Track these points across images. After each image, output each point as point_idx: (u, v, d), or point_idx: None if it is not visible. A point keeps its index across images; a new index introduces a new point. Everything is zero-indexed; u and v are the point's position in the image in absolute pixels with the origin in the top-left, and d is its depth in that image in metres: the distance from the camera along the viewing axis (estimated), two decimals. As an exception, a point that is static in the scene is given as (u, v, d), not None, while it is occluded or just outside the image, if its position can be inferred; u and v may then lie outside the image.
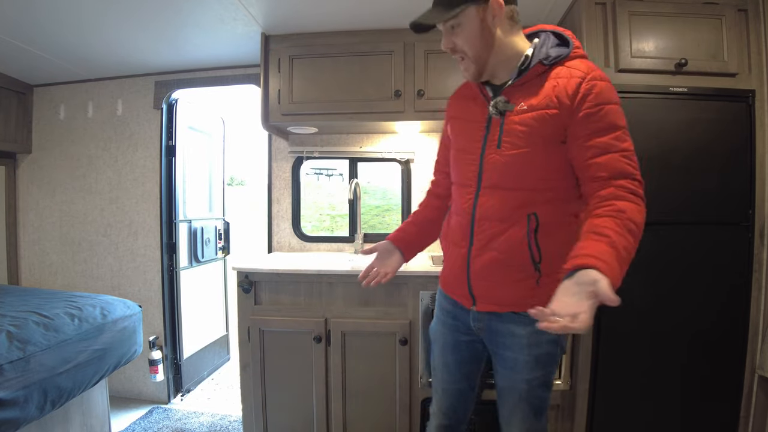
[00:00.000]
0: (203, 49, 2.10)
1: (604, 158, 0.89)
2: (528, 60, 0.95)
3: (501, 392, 1.10)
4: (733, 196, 1.54)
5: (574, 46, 0.96)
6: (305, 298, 1.68)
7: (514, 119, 0.94)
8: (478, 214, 1.00)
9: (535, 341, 1.00)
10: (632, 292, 1.55)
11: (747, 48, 1.55)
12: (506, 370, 1.05)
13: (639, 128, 1.53)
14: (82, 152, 2.50)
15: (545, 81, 0.94)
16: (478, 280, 1.03)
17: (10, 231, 2.54)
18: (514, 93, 0.96)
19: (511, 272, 0.99)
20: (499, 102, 0.96)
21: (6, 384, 1.23)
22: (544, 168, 0.95)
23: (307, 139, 2.28)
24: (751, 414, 1.58)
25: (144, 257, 2.45)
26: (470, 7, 0.92)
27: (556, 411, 1.63)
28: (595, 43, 1.56)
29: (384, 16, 1.78)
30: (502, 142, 0.96)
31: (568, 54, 0.94)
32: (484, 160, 0.99)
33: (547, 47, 0.96)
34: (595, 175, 0.90)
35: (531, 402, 1.04)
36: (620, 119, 0.91)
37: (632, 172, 0.89)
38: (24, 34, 1.87)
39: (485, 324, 1.06)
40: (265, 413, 1.72)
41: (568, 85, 0.91)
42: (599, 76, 0.91)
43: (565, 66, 0.94)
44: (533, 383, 1.02)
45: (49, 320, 1.48)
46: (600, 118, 0.89)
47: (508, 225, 0.97)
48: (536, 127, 0.92)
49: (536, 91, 0.94)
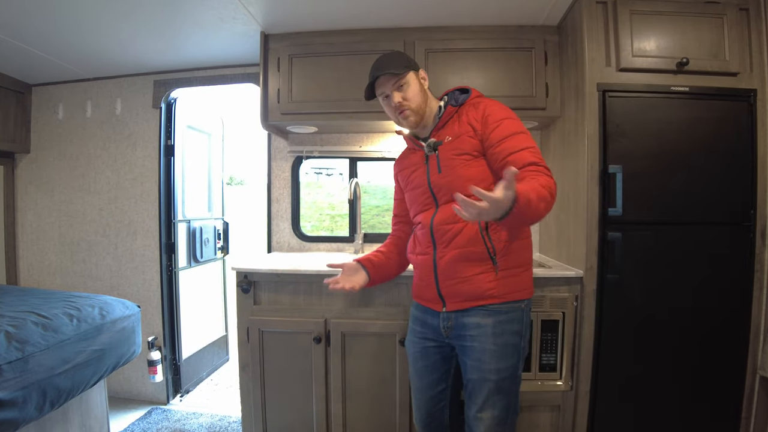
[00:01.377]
0: (202, 48, 2.09)
1: (514, 156, 1.11)
2: (442, 108, 1.27)
3: (472, 387, 1.20)
4: (734, 196, 1.54)
5: (473, 91, 1.28)
6: (305, 298, 1.67)
7: (445, 149, 1.22)
8: (437, 222, 1.21)
9: (499, 331, 1.17)
10: (633, 292, 1.55)
11: (748, 47, 1.55)
12: (475, 362, 1.17)
13: (640, 127, 1.53)
14: (80, 152, 2.49)
15: (459, 117, 1.23)
16: (445, 280, 1.20)
17: (9, 231, 2.53)
18: (438, 133, 1.25)
19: (472, 266, 1.17)
20: (431, 142, 1.25)
21: (5, 384, 1.22)
22: (476, 177, 1.16)
23: (307, 139, 2.27)
24: (752, 415, 1.57)
25: (143, 257, 2.44)
26: (411, 72, 1.24)
27: (557, 411, 1.63)
28: (596, 42, 1.55)
29: (384, 15, 1.77)
30: (442, 168, 1.22)
31: (469, 96, 1.26)
32: (432, 185, 1.24)
33: (454, 97, 1.29)
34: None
35: (501, 395, 1.16)
36: (518, 127, 1.17)
37: (537, 161, 1.10)
38: (23, 33, 1.86)
39: (454, 322, 1.22)
40: (265, 414, 1.71)
41: (475, 114, 1.20)
42: (494, 102, 1.22)
43: (469, 104, 1.24)
44: (502, 374, 1.16)
45: (48, 320, 1.47)
46: (502, 129, 1.15)
47: (462, 223, 1.17)
48: (462, 147, 1.19)
49: (455, 126, 1.23)
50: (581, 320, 1.58)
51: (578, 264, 1.62)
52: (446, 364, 1.30)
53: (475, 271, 1.17)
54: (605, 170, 1.53)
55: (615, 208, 1.53)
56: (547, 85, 1.81)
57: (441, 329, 1.24)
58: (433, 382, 1.31)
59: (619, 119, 1.53)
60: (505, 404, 1.18)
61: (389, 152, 2.22)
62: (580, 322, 1.58)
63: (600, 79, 1.54)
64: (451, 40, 1.84)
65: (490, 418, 1.16)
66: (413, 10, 1.74)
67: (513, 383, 1.19)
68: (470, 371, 1.19)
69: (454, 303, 1.20)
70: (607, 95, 1.53)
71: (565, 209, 1.75)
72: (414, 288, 1.35)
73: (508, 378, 1.17)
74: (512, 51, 1.82)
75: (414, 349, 1.33)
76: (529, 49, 1.81)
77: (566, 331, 1.58)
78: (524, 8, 1.71)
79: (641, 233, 1.54)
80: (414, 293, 1.35)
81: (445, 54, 1.84)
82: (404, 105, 1.23)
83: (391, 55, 1.27)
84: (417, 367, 1.32)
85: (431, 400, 1.32)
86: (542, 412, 1.63)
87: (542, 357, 1.59)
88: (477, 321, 1.17)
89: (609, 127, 1.53)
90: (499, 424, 1.17)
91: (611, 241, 1.53)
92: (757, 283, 1.55)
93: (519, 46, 1.82)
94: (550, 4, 1.66)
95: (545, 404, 1.62)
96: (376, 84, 1.24)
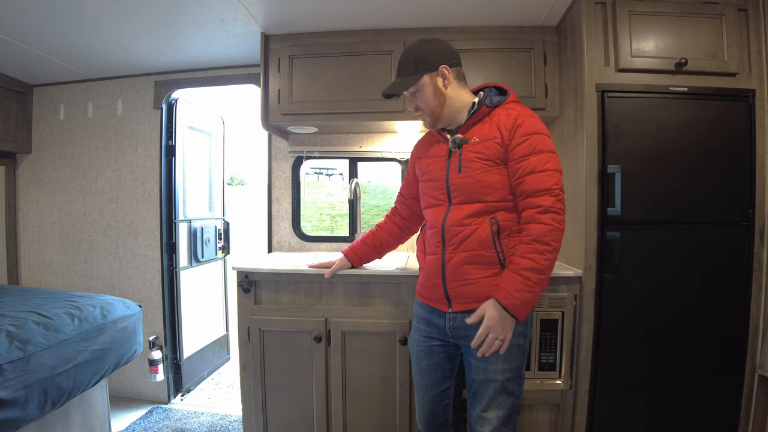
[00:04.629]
0: (203, 49, 2.10)
1: (531, 177, 1.11)
2: (476, 106, 1.22)
3: (477, 387, 1.20)
4: (733, 196, 1.54)
5: (510, 94, 1.23)
6: (305, 297, 1.68)
7: (470, 149, 1.19)
8: (448, 223, 1.20)
9: None
10: (632, 291, 1.56)
11: (747, 47, 1.55)
12: (480, 362, 1.17)
13: (639, 128, 1.54)
14: (81, 152, 2.50)
15: (490, 119, 1.19)
16: (453, 281, 1.20)
17: (10, 231, 2.54)
18: (467, 131, 1.21)
19: (480, 269, 1.16)
20: (456, 138, 1.21)
21: (6, 384, 1.23)
22: (495, 185, 1.16)
23: (307, 139, 2.28)
24: (751, 414, 1.58)
25: (144, 257, 2.45)
26: (424, 76, 1.19)
27: (556, 411, 1.63)
28: (595, 42, 1.56)
29: (384, 15, 1.78)
30: (462, 168, 1.19)
31: (506, 99, 1.21)
32: (450, 183, 1.21)
33: (490, 96, 1.23)
34: (522, 190, 1.13)
35: (506, 395, 1.17)
36: (545, 144, 1.14)
37: (550, 188, 1.11)
38: (24, 34, 1.87)
39: (459, 322, 1.21)
40: (265, 413, 1.72)
41: (507, 121, 1.16)
42: (529, 113, 1.17)
43: (503, 108, 1.19)
44: (507, 374, 1.16)
45: (49, 320, 1.48)
46: (528, 145, 1.12)
47: (474, 226, 1.16)
48: (486, 153, 1.16)
49: (484, 128, 1.19)
50: (580, 320, 1.59)
51: (577, 264, 1.62)
52: (451, 362, 1.30)
53: (483, 275, 1.16)
54: (604, 170, 1.54)
55: (614, 207, 1.53)
56: (546, 85, 1.81)
57: (447, 329, 1.24)
58: (438, 381, 1.30)
59: (618, 119, 1.53)
60: (510, 404, 1.18)
61: (389, 152, 2.22)
62: (579, 322, 1.59)
63: (599, 80, 1.55)
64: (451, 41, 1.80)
65: (495, 417, 1.16)
66: (413, 11, 1.74)
67: (517, 383, 1.19)
68: (475, 371, 1.19)
69: (461, 304, 1.20)
70: (606, 95, 1.54)
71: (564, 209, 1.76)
72: (419, 287, 1.34)
73: (513, 378, 1.17)
74: (511, 52, 1.83)
75: (418, 347, 1.32)
76: (528, 49, 1.82)
77: (565, 331, 1.58)
78: (523, 9, 1.71)
79: (640, 233, 1.54)
80: (418, 292, 1.34)
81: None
82: (419, 110, 1.24)
83: (406, 57, 1.22)
84: (421, 366, 1.32)
85: (435, 398, 1.31)
86: (541, 411, 1.64)
87: (541, 356, 1.60)
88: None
89: (608, 127, 1.54)
90: (503, 424, 1.17)
91: (610, 240, 1.54)
92: (755, 283, 1.55)
93: (518, 46, 1.82)
94: (549, 5, 1.67)
95: (544, 403, 1.63)
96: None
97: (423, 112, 1.23)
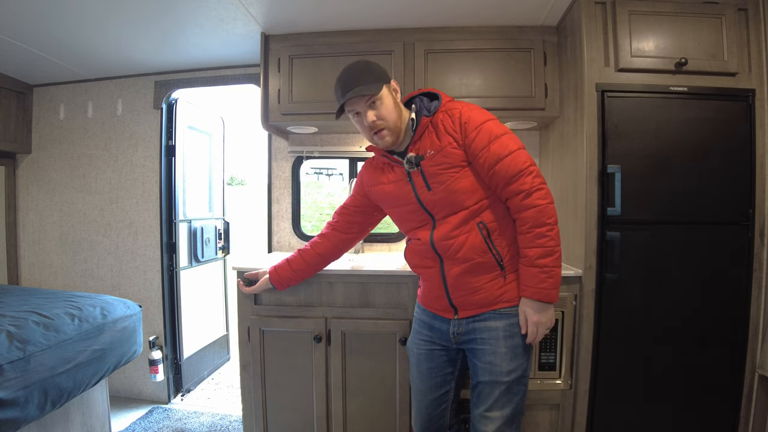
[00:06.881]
0: (203, 49, 2.10)
1: (499, 165, 1.09)
2: (415, 121, 1.18)
3: (481, 388, 1.19)
4: (733, 196, 1.54)
5: (442, 96, 1.19)
6: (305, 297, 1.68)
7: (429, 164, 1.14)
8: (437, 238, 1.17)
9: (510, 333, 1.17)
10: (632, 291, 1.56)
11: (747, 47, 1.55)
12: (486, 364, 1.17)
13: (639, 127, 1.54)
14: (81, 152, 2.50)
15: (435, 128, 1.15)
16: (456, 291, 1.19)
17: (10, 231, 2.54)
18: (417, 147, 1.17)
19: (482, 276, 1.16)
20: (411, 157, 1.16)
21: (6, 384, 1.23)
22: (469, 188, 1.13)
23: (307, 139, 2.28)
24: (751, 413, 1.58)
25: (144, 257, 2.45)
26: (384, 86, 1.14)
27: (556, 410, 1.63)
28: (594, 42, 1.56)
29: (383, 15, 1.78)
30: (431, 184, 1.15)
31: (440, 103, 1.17)
32: (424, 203, 1.18)
33: (425, 105, 1.19)
34: (497, 181, 1.11)
35: (511, 395, 1.16)
36: (498, 128, 1.12)
37: (522, 169, 1.09)
38: (24, 34, 1.87)
39: (464, 327, 1.21)
40: (266, 413, 1.72)
41: (453, 123, 1.13)
42: (468, 107, 1.15)
43: (441, 112, 1.16)
44: (513, 375, 1.16)
45: (49, 320, 1.48)
46: (483, 136, 1.10)
47: (464, 236, 1.14)
48: (448, 161, 1.13)
49: (433, 138, 1.15)
50: (580, 319, 1.59)
51: (577, 263, 1.62)
52: (452, 366, 1.29)
53: (485, 280, 1.16)
54: (604, 170, 1.54)
55: (614, 207, 1.53)
56: (546, 85, 1.81)
57: (450, 335, 1.23)
58: (437, 384, 1.29)
59: (618, 119, 1.53)
60: (515, 404, 1.17)
61: (389, 152, 2.22)
62: (579, 322, 1.59)
63: (599, 80, 1.55)
64: (451, 41, 1.84)
65: (499, 417, 1.16)
66: (413, 11, 1.74)
67: (522, 384, 1.19)
68: (481, 373, 1.18)
69: (467, 311, 1.20)
70: (606, 95, 1.54)
71: (564, 209, 1.76)
72: (422, 297, 1.32)
73: (518, 378, 1.17)
74: (511, 51, 1.83)
75: (419, 350, 1.31)
76: (528, 49, 1.82)
77: (565, 331, 1.58)
78: (523, 9, 1.71)
79: (640, 233, 1.54)
80: (422, 301, 1.32)
81: (444, 55, 1.84)
82: (379, 124, 1.14)
83: (360, 69, 1.14)
84: (421, 369, 1.30)
85: (433, 402, 1.30)
86: (542, 411, 1.64)
87: (541, 356, 1.60)
88: (489, 324, 1.18)
89: (608, 127, 1.54)
90: (507, 424, 1.16)
91: (610, 240, 1.54)
92: (755, 282, 1.55)
93: (518, 46, 1.82)
94: (549, 5, 1.67)
95: (544, 403, 1.63)
96: (346, 102, 1.13)
97: (384, 128, 1.14)
